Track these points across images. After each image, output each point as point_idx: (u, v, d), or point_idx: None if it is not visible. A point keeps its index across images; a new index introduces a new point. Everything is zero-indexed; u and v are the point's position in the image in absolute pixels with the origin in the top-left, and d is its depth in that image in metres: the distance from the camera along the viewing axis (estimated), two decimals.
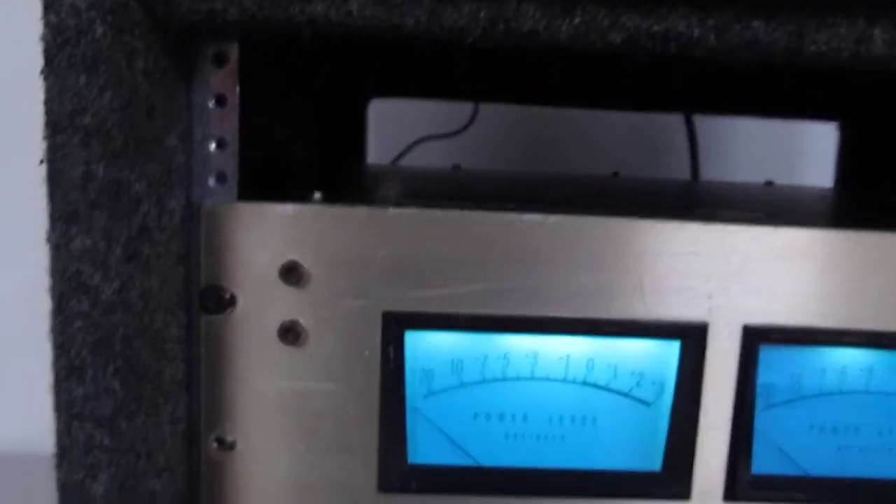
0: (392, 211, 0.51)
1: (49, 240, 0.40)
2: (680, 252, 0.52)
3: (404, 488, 0.54)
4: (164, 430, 0.47)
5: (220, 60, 0.48)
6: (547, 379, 0.55)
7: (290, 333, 0.51)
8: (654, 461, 0.55)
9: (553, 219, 0.52)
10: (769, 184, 0.92)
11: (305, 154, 0.70)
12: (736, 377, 0.53)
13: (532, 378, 0.55)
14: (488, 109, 1.06)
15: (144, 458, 0.45)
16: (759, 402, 0.55)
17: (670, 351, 0.54)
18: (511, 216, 0.52)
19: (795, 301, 0.53)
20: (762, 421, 0.56)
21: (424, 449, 0.55)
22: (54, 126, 0.40)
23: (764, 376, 0.55)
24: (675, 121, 1.08)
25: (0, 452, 0.96)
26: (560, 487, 0.54)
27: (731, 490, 0.55)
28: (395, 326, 0.52)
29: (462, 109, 1.05)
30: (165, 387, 0.46)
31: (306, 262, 0.51)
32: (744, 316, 0.53)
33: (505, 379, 0.55)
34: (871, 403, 0.56)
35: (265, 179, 0.52)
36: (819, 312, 0.53)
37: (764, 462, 0.56)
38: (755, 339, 0.53)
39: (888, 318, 0.53)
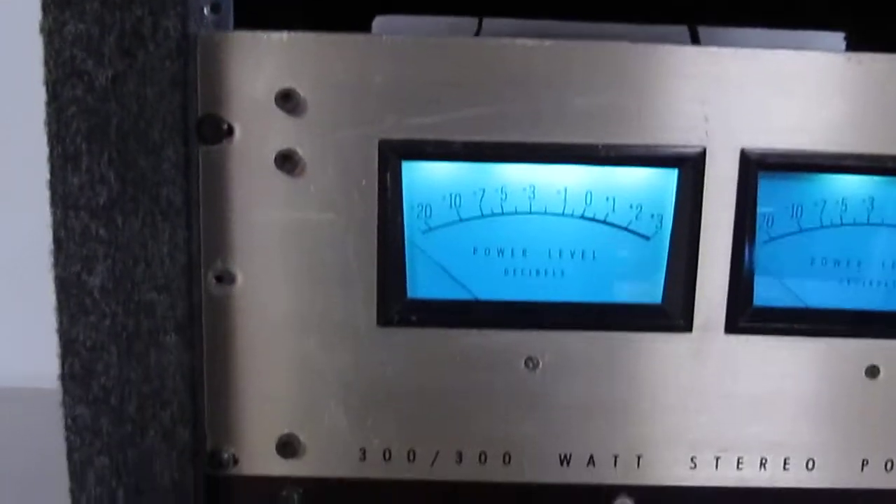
0: (387, 38, 0.51)
1: (42, 28, 0.41)
2: (677, 75, 0.52)
3: (404, 322, 0.54)
4: (162, 251, 0.48)
5: None
6: (545, 213, 0.55)
7: (288, 162, 0.51)
8: (654, 294, 0.55)
9: (549, 43, 0.52)
10: None
11: None
12: (735, 205, 0.53)
13: (530, 212, 0.55)
14: (492, 24, 1.05)
15: (143, 265, 0.45)
16: (760, 235, 0.55)
17: (668, 180, 0.54)
18: (507, 41, 0.51)
19: (794, 125, 0.52)
20: (763, 254, 0.55)
21: (424, 283, 0.55)
22: None
23: (764, 207, 0.55)
24: (679, 32, 1.07)
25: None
26: (559, 321, 0.54)
27: (732, 322, 0.54)
28: (392, 154, 0.52)
29: (466, 25, 1.05)
30: (163, 204, 0.47)
31: (303, 90, 0.51)
32: (742, 140, 0.52)
33: (503, 213, 0.55)
34: (873, 236, 0.55)
35: (260, 9, 0.52)
36: (819, 138, 0.53)
37: (765, 295, 0.55)
38: (753, 164, 0.53)
39: (889, 142, 0.53)
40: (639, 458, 0.56)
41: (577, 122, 0.52)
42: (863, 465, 0.56)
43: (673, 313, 0.54)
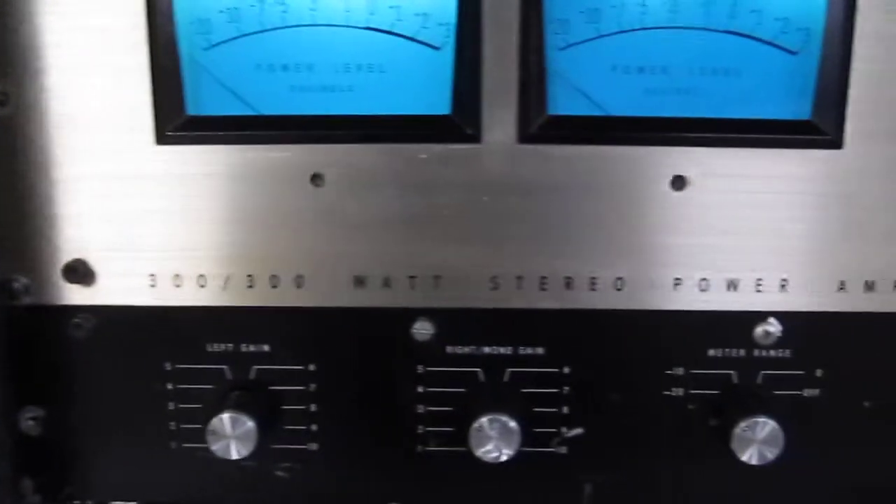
0: None
1: None
2: None
3: (183, 140, 0.52)
4: None
5: None
6: (329, 25, 0.52)
7: None
8: (443, 105, 0.52)
9: None
10: None
11: None
12: (519, 8, 0.50)
13: (314, 25, 0.52)
14: None
15: None
16: (557, 41, 0.52)
17: None
18: None
19: None
20: (560, 61, 0.52)
21: (206, 101, 0.53)
22: None
23: (558, 12, 0.52)
24: None
25: None
26: (346, 135, 0.52)
27: (524, 131, 0.52)
28: None
29: None
30: None
31: None
32: None
33: (285, 27, 0.53)
34: (677, 40, 0.52)
35: None
36: None
37: (564, 104, 0.53)
38: None
39: None
40: (436, 279, 0.54)
41: None
42: (674, 284, 0.53)
43: (463, 123, 0.52)
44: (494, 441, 0.52)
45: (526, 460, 0.55)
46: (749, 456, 0.52)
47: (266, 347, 0.54)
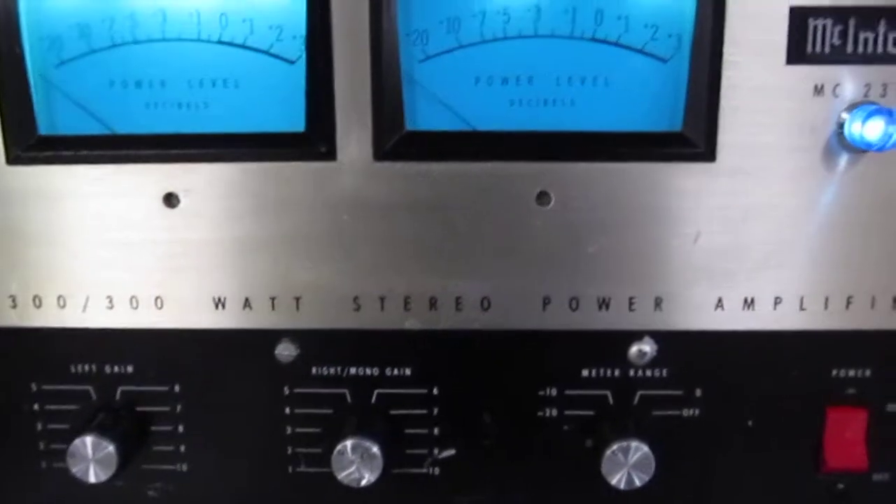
0: None
1: None
2: None
3: (34, 160, 0.51)
4: None
5: None
6: (180, 39, 0.51)
7: None
8: (297, 121, 0.50)
9: None
10: None
11: None
12: (369, 22, 0.48)
13: (164, 39, 0.51)
14: None
15: None
16: (415, 53, 0.50)
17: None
18: None
19: None
20: (419, 73, 0.50)
21: (60, 119, 0.52)
22: None
23: (416, 22, 0.50)
24: None
25: None
26: (202, 153, 0.51)
27: (380, 148, 0.50)
28: None
29: None
30: None
31: None
32: None
33: (136, 42, 0.51)
34: (542, 49, 0.50)
35: None
36: None
37: (426, 118, 0.51)
38: None
39: None
40: (297, 300, 0.52)
41: None
42: (544, 303, 0.52)
43: (317, 141, 0.50)
44: (356, 465, 0.51)
45: (399, 481, 0.54)
46: (618, 480, 0.51)
47: (130, 368, 0.53)
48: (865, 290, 0.52)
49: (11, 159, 0.51)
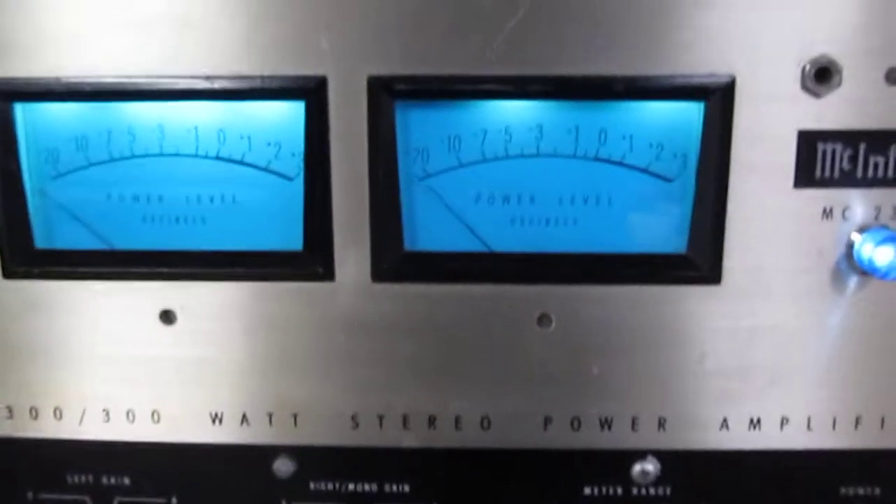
0: None
1: None
2: None
3: (32, 275, 0.51)
4: None
5: None
6: (178, 154, 0.50)
7: None
8: (296, 239, 0.50)
9: None
10: None
11: None
12: (367, 140, 0.47)
13: (161, 154, 0.50)
14: None
15: None
16: (416, 171, 0.49)
17: (297, 114, 0.48)
18: None
19: (425, 45, 0.46)
20: (420, 191, 0.50)
21: (57, 233, 0.51)
22: None
23: (415, 140, 0.49)
24: None
25: None
26: (199, 271, 0.50)
27: (378, 268, 0.49)
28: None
29: None
30: None
31: None
32: (367, 66, 0.47)
33: (133, 156, 0.50)
34: (545, 168, 0.49)
35: None
36: (457, 57, 0.47)
37: (426, 237, 0.50)
38: (383, 91, 0.47)
39: (536, 60, 0.46)
40: (295, 416, 0.52)
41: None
42: (545, 423, 0.51)
43: (314, 260, 0.49)
44: None
45: None
46: None
47: (127, 480, 0.53)
48: (874, 410, 0.51)
49: (8, 274, 0.50)
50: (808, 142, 0.47)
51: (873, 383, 0.50)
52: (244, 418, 0.52)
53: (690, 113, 0.47)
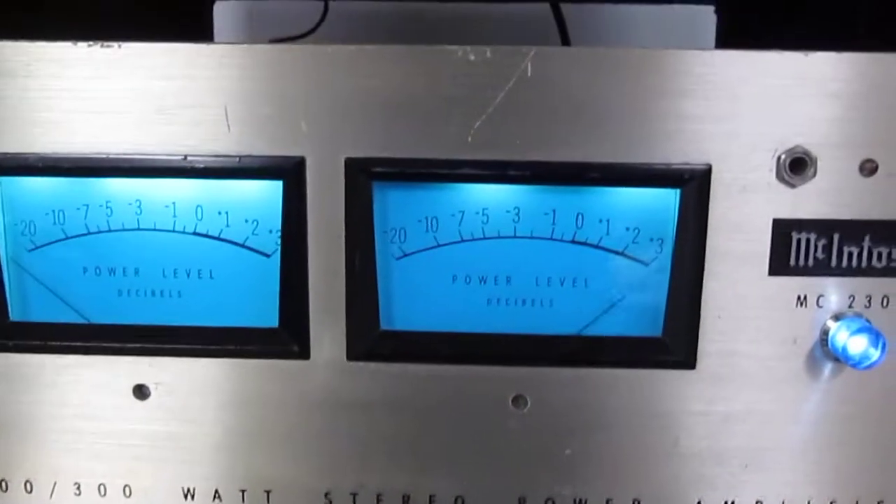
0: None
1: None
2: (265, 77, 0.46)
3: (2, 347, 0.50)
4: None
5: None
6: (155, 229, 0.50)
7: None
8: (271, 315, 0.50)
9: None
10: None
11: None
12: (344, 220, 0.47)
13: (138, 228, 0.50)
14: (338, 7, 1.01)
15: None
16: (392, 250, 0.49)
17: (275, 191, 0.48)
18: None
19: (403, 128, 0.47)
20: (396, 271, 0.50)
21: (32, 305, 0.51)
22: None
23: (393, 220, 0.49)
24: (542, 9, 1.00)
25: None
26: (172, 347, 0.50)
27: (354, 347, 0.49)
28: None
29: (312, 8, 1.00)
30: None
31: None
32: (344, 148, 0.47)
33: (110, 230, 0.50)
34: (522, 250, 0.49)
35: None
36: (436, 141, 0.47)
37: (402, 316, 0.50)
38: (360, 172, 0.47)
39: (518, 146, 0.47)
40: (268, 493, 0.51)
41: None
42: (519, 503, 0.51)
43: (290, 338, 0.49)
44: None
45: None
46: None
47: None
48: (849, 495, 0.51)
49: None
50: (783, 230, 0.47)
51: (847, 469, 0.50)
52: (216, 494, 0.51)
53: (667, 198, 0.48)
